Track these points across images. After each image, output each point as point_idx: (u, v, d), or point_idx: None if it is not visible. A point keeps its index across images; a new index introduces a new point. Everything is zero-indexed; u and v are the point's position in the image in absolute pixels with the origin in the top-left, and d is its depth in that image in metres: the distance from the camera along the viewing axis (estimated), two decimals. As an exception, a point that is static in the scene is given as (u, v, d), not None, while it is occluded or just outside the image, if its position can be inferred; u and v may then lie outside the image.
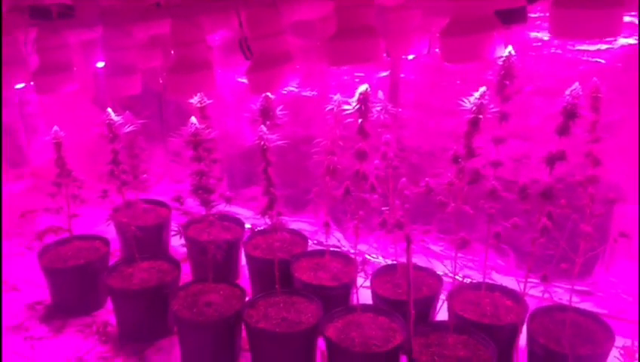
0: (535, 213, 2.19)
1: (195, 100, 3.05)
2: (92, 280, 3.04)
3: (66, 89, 2.80)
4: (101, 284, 3.00)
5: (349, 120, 2.39)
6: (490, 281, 2.75)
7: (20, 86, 2.94)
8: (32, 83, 2.84)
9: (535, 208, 2.19)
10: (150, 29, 2.70)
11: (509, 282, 2.74)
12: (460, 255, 2.87)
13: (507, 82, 2.18)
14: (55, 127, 2.89)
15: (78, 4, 2.71)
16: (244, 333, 2.68)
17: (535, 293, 2.59)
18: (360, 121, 2.29)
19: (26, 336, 2.88)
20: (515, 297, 2.59)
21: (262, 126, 2.47)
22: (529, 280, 2.36)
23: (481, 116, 2.08)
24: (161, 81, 3.80)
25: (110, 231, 3.34)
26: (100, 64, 3.07)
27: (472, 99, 2.09)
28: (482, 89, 2.07)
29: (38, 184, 4.41)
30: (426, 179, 2.34)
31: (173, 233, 3.18)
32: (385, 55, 2.42)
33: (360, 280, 2.75)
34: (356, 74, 3.23)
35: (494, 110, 2.18)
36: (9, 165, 4.39)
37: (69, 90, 2.82)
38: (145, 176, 3.12)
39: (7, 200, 4.21)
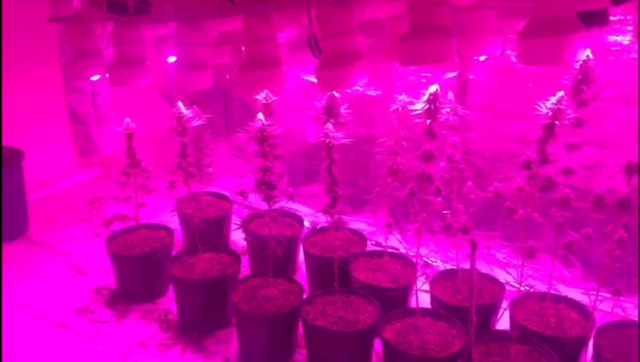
0: (609, 223, 2.10)
1: (260, 97, 3.10)
2: (156, 268, 3.12)
3: (139, 82, 2.89)
4: (164, 273, 3.08)
5: (416, 120, 2.36)
6: (555, 292, 2.67)
7: (95, 78, 3.06)
8: (106, 75, 2.94)
9: (609, 218, 2.10)
10: (222, 25, 2.75)
11: (575, 294, 2.65)
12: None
13: (584, 87, 2.10)
14: (127, 119, 2.98)
15: (153, -1, 2.79)
16: (300, 330, 2.70)
17: (604, 308, 2.49)
18: (428, 121, 2.26)
19: (92, 319, 2.99)
20: (582, 310, 2.50)
21: (328, 124, 2.47)
22: (597, 293, 2.27)
23: (557, 122, 2.01)
24: (227, 77, 3.88)
25: (173, 221, 3.43)
26: (171, 59, 3.15)
27: (548, 103, 2.02)
28: (560, 94, 2.00)
29: (106, 173, 4.57)
30: (495, 184, 2.29)
31: (234, 226, 3.24)
32: (457, 56, 2.38)
33: (419, 284, 2.72)
34: (423, 74, 3.19)
35: (570, 116, 2.11)
36: (79, 154, 4.58)
37: (142, 83, 2.91)
38: (210, 169, 3.18)
39: (76, 188, 4.39)
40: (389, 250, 3.03)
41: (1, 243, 3.46)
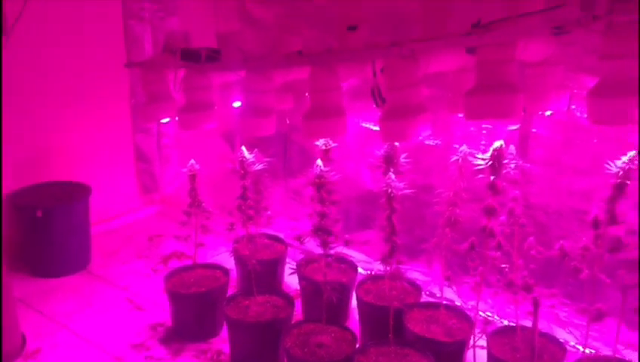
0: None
1: (320, 143, 3.16)
2: (211, 307, 3.16)
3: (206, 126, 2.99)
4: (219, 313, 3.12)
5: (479, 176, 2.36)
6: (620, 357, 2.54)
7: (165, 120, 3.19)
8: (176, 118, 3.07)
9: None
10: (288, 74, 2.84)
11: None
12: (583, 323, 2.71)
13: (656, 147, 2.05)
14: (192, 161, 3.08)
15: (223, 48, 2.92)
16: (353, 379, 2.66)
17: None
18: (492, 178, 2.25)
19: (146, 356, 3.04)
20: (649, 378, 2.38)
21: (390, 173, 2.50)
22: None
23: (628, 182, 1.96)
24: (288, 122, 3.97)
25: (229, 262, 3.48)
26: (236, 103, 3.26)
27: (619, 162, 1.99)
28: (632, 153, 1.96)
29: (166, 210, 4.71)
30: (561, 242, 2.24)
31: (289, 270, 3.26)
32: (522, 111, 2.38)
33: (475, 339, 2.65)
34: (484, 125, 3.19)
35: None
36: (142, 191, 4.74)
37: (209, 127, 3.02)
38: (268, 212, 3.23)
39: (137, 224, 4.53)
40: (445, 302, 2.97)
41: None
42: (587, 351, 2.74)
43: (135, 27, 4.31)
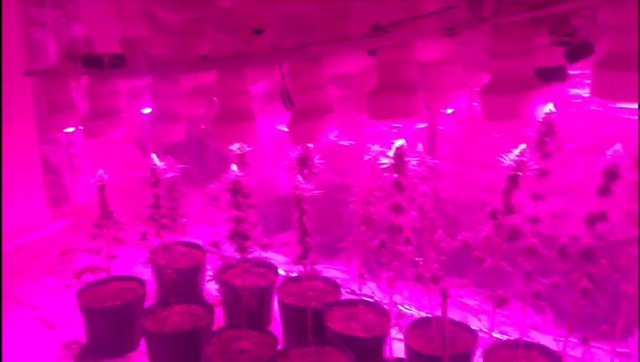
0: (575, 272, 2.15)
1: (235, 147, 3.14)
2: (128, 321, 3.07)
3: (113, 134, 2.90)
4: (137, 326, 3.03)
5: (385, 174, 2.42)
6: (528, 339, 2.69)
7: (69, 130, 3.06)
8: (80, 127, 2.96)
9: (575, 267, 2.15)
10: (197, 78, 2.80)
11: (547, 340, 2.67)
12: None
13: (547, 139, 2.18)
14: (100, 170, 2.98)
15: (128, 54, 2.84)
16: (275, 383, 2.67)
17: (575, 354, 2.52)
18: (396, 176, 2.31)
19: (60, 376, 2.92)
20: (553, 357, 2.52)
21: (298, 176, 2.52)
22: (568, 339, 2.30)
23: (520, 173, 2.07)
24: (203, 127, 3.92)
25: (146, 272, 3.39)
26: (146, 110, 3.18)
27: (511, 155, 2.09)
28: (522, 146, 2.07)
29: (78, 223, 4.52)
30: (463, 233, 2.33)
31: (208, 277, 3.22)
32: (425, 109, 2.46)
33: (393, 332, 2.72)
34: (394, 124, 3.28)
35: (534, 167, 2.18)
36: (52, 203, 4.53)
37: (116, 135, 2.93)
38: (184, 220, 3.18)
39: (47, 238, 4.32)
40: (364, 299, 3.03)
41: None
42: (500, 336, 2.89)
43: (37, 34, 4.12)
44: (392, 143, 2.67)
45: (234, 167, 2.63)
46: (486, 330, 2.96)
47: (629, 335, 2.72)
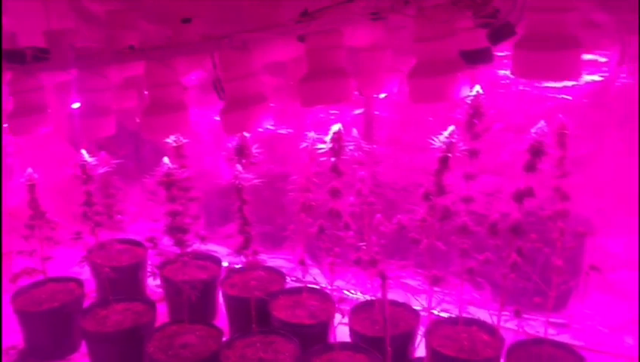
0: (505, 247, 2.22)
1: (170, 140, 3.07)
2: (67, 323, 2.99)
3: (40, 131, 2.79)
4: (76, 327, 2.94)
5: (323, 158, 2.43)
6: (468, 315, 2.76)
7: (-6, 128, 2.93)
8: (6, 125, 2.83)
9: (505, 243, 2.22)
10: (125, 70, 2.72)
11: (486, 315, 2.75)
12: (436, 289, 2.90)
13: (476, 120, 2.23)
14: (29, 169, 2.87)
15: (52, 47, 2.73)
16: (221, 375, 2.65)
17: (512, 326, 2.61)
18: (333, 159, 2.32)
19: (-3, 383, 2.81)
20: (492, 331, 2.60)
21: (237, 165, 2.49)
22: (504, 313, 2.38)
23: (450, 154, 2.12)
24: (137, 121, 3.82)
25: (85, 272, 3.30)
26: (76, 105, 3.07)
27: (441, 137, 2.13)
28: (450, 128, 2.11)
29: (12, 225, 4.33)
30: (398, 216, 2.37)
31: (149, 273, 3.16)
32: (357, 94, 2.47)
33: (338, 317, 2.75)
34: (331, 111, 3.28)
35: (464, 148, 2.23)
36: (-18, 206, 4.32)
37: (44, 131, 2.81)
38: (120, 216, 3.10)
39: (-20, 242, 4.13)
40: (309, 286, 3.04)
41: None
42: (437, 312, 2.96)
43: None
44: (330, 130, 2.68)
45: (166, 159, 2.59)
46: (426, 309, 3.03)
47: (563, 307, 2.84)
